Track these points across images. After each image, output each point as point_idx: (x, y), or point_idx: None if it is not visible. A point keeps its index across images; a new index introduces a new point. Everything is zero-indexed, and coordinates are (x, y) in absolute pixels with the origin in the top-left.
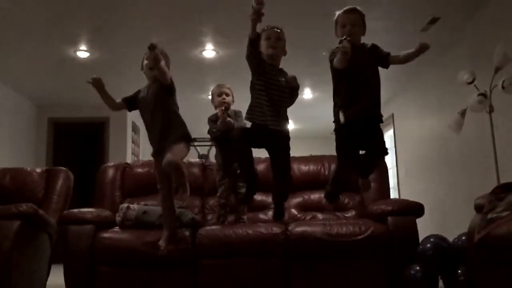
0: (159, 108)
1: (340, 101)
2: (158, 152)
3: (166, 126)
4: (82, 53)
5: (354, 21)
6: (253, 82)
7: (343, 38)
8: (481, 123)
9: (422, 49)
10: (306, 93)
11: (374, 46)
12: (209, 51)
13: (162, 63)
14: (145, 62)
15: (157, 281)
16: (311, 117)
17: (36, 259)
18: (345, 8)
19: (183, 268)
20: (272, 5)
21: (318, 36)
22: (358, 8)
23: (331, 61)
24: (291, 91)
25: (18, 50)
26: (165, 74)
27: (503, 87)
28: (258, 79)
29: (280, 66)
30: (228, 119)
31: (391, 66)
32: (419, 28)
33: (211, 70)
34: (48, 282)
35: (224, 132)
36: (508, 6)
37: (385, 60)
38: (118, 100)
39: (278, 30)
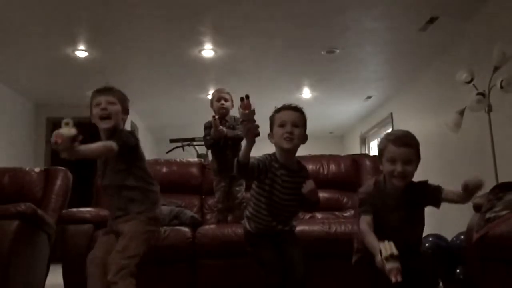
0: (113, 180)
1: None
2: (107, 231)
3: (121, 204)
4: (81, 52)
5: (409, 156)
6: (254, 184)
7: (390, 254)
8: (480, 122)
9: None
10: (305, 93)
11: (424, 186)
12: (207, 51)
13: (100, 147)
14: (94, 110)
15: (156, 280)
16: (309, 117)
17: (34, 258)
18: (396, 136)
19: (182, 267)
20: (271, 5)
21: (317, 35)
22: (413, 136)
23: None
24: (304, 205)
25: (16, 49)
26: (110, 152)
27: (501, 87)
28: (260, 183)
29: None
30: (221, 127)
31: (390, 64)
32: (417, 28)
33: (209, 70)
34: (46, 282)
35: (217, 140)
36: (507, 6)
37: (437, 198)
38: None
39: (297, 113)
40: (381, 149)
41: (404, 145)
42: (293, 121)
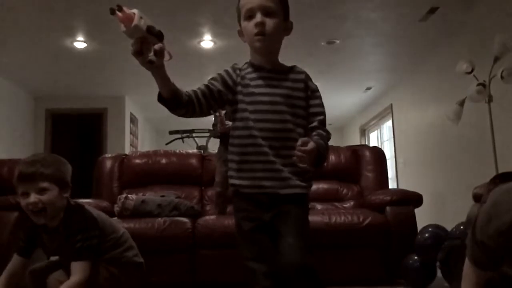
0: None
1: None
2: None
3: None
4: (80, 43)
5: None
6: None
7: None
8: (480, 113)
9: None
10: None
11: None
12: (207, 42)
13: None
14: (22, 202)
15: (156, 270)
16: None
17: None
18: None
19: (182, 257)
20: None
21: (317, 26)
22: None
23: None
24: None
25: (15, 41)
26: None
27: (502, 77)
28: (235, 104)
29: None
30: (227, 122)
31: (390, 54)
32: (418, 18)
33: (209, 61)
34: None
35: (224, 133)
36: None
37: None
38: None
39: None
40: None
41: None
42: (262, 5)
